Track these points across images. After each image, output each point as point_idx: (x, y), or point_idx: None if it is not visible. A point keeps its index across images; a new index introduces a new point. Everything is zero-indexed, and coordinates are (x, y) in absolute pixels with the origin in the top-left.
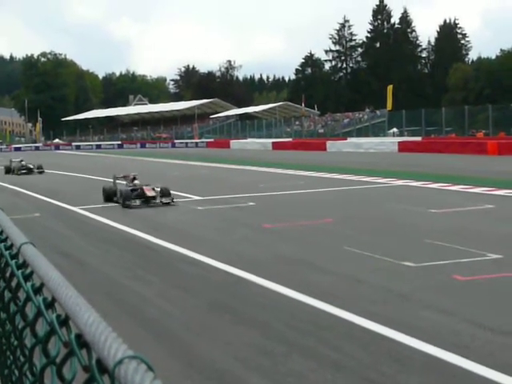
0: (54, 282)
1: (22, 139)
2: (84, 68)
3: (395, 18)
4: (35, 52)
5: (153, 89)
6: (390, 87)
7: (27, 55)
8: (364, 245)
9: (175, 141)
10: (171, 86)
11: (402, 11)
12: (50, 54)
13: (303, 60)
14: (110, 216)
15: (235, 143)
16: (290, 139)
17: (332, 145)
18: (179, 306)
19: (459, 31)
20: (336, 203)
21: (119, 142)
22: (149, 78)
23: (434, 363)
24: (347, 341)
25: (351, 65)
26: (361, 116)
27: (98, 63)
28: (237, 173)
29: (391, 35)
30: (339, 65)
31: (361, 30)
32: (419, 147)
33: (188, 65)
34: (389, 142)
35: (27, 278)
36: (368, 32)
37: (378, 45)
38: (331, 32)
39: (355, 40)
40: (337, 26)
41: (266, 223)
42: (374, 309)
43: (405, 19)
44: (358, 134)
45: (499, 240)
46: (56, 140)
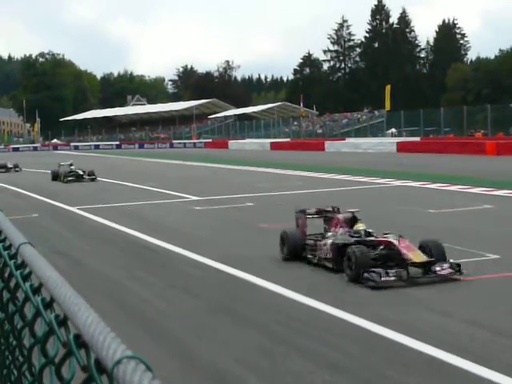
0: (53, 282)
1: (21, 139)
2: (82, 68)
3: (394, 18)
4: (33, 52)
5: (151, 89)
6: (389, 87)
7: (25, 55)
8: None
9: (173, 141)
10: (169, 87)
11: (401, 11)
12: (48, 54)
13: (301, 60)
14: (108, 216)
15: (233, 143)
16: (289, 139)
17: (330, 145)
18: (178, 307)
19: (458, 31)
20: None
21: (117, 143)
22: (147, 79)
23: (433, 364)
24: (346, 341)
25: (349, 65)
26: (359, 116)
27: (96, 63)
28: (235, 173)
29: (390, 35)
30: (337, 65)
31: (359, 30)
32: (418, 147)
33: (186, 65)
34: (387, 143)
35: (26, 278)
36: (366, 32)
37: (377, 45)
38: (329, 32)
39: (353, 40)
40: (335, 26)
41: (264, 223)
42: (373, 309)
43: (403, 19)
44: (357, 135)
45: (498, 240)
46: (54, 140)
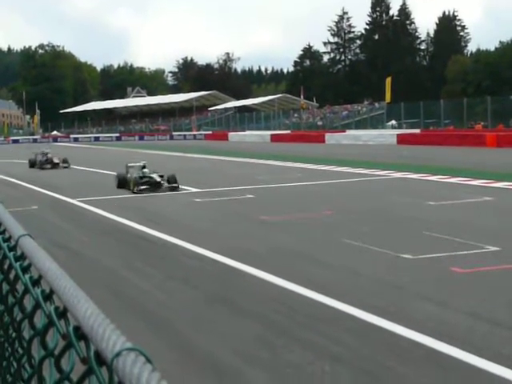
0: (52, 274)
1: (20, 131)
2: (82, 60)
3: (394, 10)
4: (33, 44)
5: (151, 81)
6: (389, 79)
7: (25, 47)
8: (363, 237)
9: (173, 133)
10: (169, 78)
11: (401, 3)
12: (48, 46)
13: (302, 52)
14: (108, 208)
15: (233, 135)
16: (289, 131)
17: (331, 137)
18: (178, 298)
19: (458, 23)
20: (335, 196)
21: (117, 135)
22: (147, 70)
23: (433, 355)
24: (345, 333)
25: (350, 57)
26: (359, 108)
27: (96, 55)
28: (235, 165)
29: (390, 27)
30: (338, 57)
31: (359, 22)
32: (418, 139)
33: (186, 57)
34: (387, 135)
35: (25, 270)
36: (367, 24)
37: (377, 37)
38: (330, 24)
39: (354, 32)
40: (335, 18)
41: (265, 215)
42: (373, 301)
43: (404, 11)
44: (357, 127)
45: (498, 232)
46: (54, 132)
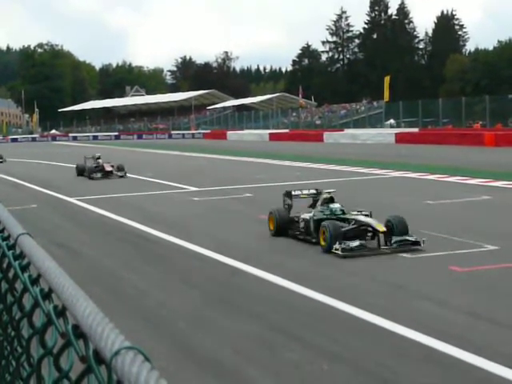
0: (51, 273)
1: (19, 130)
2: (81, 59)
3: (392, 9)
4: (32, 43)
5: (150, 80)
6: (387, 78)
7: (24, 46)
8: None
9: (172, 132)
10: (168, 77)
11: (400, 2)
12: (47, 45)
13: (300, 51)
14: (107, 207)
15: (232, 134)
16: (287, 130)
17: (329, 136)
18: (176, 297)
19: (456, 22)
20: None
21: (116, 133)
22: (146, 69)
23: (432, 354)
24: (344, 332)
25: (348, 56)
26: (358, 107)
27: (95, 54)
28: (233, 164)
29: (388, 26)
30: (336, 56)
31: (358, 21)
32: (416, 138)
33: (185, 56)
34: (386, 134)
35: (24, 269)
36: (365, 23)
37: (375, 36)
38: (328, 23)
39: (352, 31)
40: (334, 17)
41: (263, 214)
42: (371, 300)
43: (402, 10)
44: (355, 126)
45: (496, 231)
46: (53, 131)
